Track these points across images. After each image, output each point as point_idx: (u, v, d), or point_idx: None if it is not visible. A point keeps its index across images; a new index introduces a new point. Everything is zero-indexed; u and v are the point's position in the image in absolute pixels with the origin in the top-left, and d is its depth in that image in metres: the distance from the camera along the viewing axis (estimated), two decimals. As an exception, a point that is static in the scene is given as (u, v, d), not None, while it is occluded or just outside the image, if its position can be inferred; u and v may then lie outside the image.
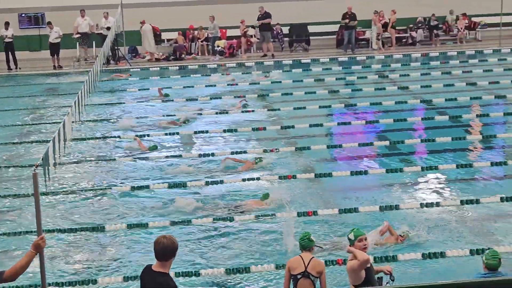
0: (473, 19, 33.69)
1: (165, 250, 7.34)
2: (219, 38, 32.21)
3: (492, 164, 16.01)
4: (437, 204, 13.64)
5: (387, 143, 17.99)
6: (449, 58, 30.03)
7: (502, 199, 13.72)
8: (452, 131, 18.79)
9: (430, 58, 30.04)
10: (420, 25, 33.36)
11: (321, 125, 19.78)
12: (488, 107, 21.55)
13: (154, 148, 18.03)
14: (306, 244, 9.17)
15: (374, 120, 20.28)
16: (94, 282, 11.15)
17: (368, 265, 8.62)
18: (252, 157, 16.57)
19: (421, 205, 13.64)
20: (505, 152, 17.40)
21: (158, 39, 32.49)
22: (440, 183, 15.02)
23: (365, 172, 15.67)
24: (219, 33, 31.97)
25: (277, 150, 16.88)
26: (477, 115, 20.30)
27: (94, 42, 31.08)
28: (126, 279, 11.16)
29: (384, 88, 24.29)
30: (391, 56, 30.63)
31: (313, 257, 9.11)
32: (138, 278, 10.91)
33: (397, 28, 33.08)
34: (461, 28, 33.05)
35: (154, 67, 30.15)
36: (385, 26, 32.76)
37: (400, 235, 12.07)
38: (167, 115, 21.24)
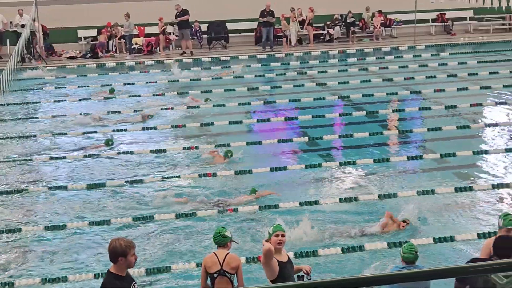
0: (389, 16, 34.29)
1: (110, 252, 7.66)
2: (136, 35, 31.91)
3: (408, 158, 16.33)
4: (356, 199, 13.84)
5: (306, 139, 18.13)
6: (366, 54, 30.50)
7: (418, 193, 14.01)
8: (369, 126, 19.09)
9: (347, 55, 30.44)
10: (337, 22, 33.73)
11: (241, 122, 19.81)
12: (404, 102, 21.97)
13: (109, 142, 17.97)
14: (219, 241, 9.04)
15: (293, 117, 20.44)
16: (11, 285, 10.91)
17: (284, 261, 8.64)
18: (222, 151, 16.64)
19: (340, 200, 13.81)
20: (420, 146, 17.77)
21: (46, 38, 31.80)
22: (358, 178, 15.21)
23: (285, 168, 15.76)
24: (134, 31, 31.57)
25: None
26: (393, 111, 20.66)
27: (8, 40, 30.37)
28: (44, 281, 10.96)
29: (303, 85, 24.49)
30: (309, 53, 30.90)
31: (228, 253, 9.00)
32: (57, 280, 10.91)
33: (314, 25, 33.38)
34: (377, 25, 33.57)
35: (71, 65, 29.66)
36: (302, 23, 33.05)
37: (403, 221, 12.49)
38: (84, 114, 20.97)
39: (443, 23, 34.92)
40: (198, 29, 32.59)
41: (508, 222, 8.96)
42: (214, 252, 9.05)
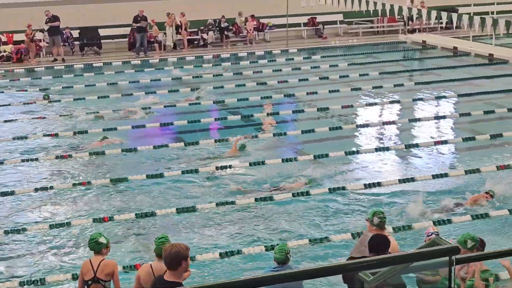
0: (261, 20, 34.66)
1: (172, 257, 7.28)
2: (5, 42, 30.95)
3: (283, 160, 16.54)
4: (232, 202, 13.91)
5: (181, 144, 18.06)
6: (240, 59, 30.66)
7: (294, 195, 14.23)
8: (245, 130, 19.23)
9: (222, 59, 30.50)
10: (210, 27, 33.85)
11: (115, 129, 19.53)
12: (278, 105, 22.24)
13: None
14: (93, 247, 8.96)
15: (168, 122, 20.31)
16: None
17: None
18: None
19: (217, 204, 13.87)
20: (295, 148, 18.05)
21: None
22: (234, 182, 15.27)
23: (161, 175, 15.65)
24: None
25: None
26: (268, 114, 20.89)
27: None
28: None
29: (178, 90, 24.37)
30: (183, 58, 30.82)
31: (102, 260, 8.89)
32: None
33: (188, 30, 33.36)
34: (250, 30, 33.89)
35: None
36: (178, 28, 32.97)
37: (486, 193, 13.57)
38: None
39: (314, 27, 35.64)
40: (69, 35, 31.93)
41: (373, 215, 9.31)
42: (89, 259, 8.93)
